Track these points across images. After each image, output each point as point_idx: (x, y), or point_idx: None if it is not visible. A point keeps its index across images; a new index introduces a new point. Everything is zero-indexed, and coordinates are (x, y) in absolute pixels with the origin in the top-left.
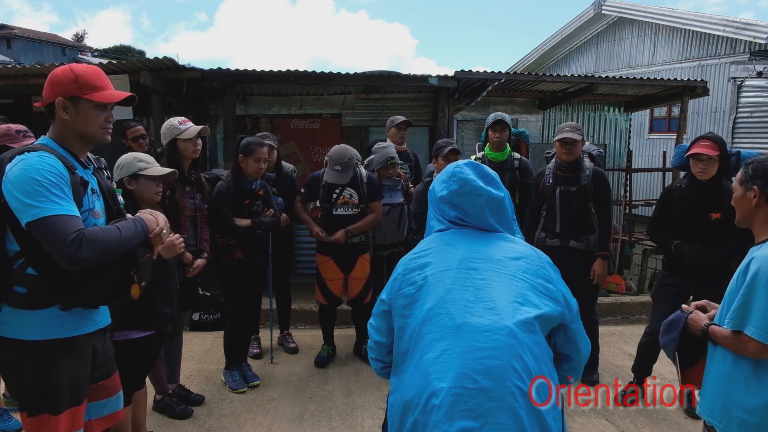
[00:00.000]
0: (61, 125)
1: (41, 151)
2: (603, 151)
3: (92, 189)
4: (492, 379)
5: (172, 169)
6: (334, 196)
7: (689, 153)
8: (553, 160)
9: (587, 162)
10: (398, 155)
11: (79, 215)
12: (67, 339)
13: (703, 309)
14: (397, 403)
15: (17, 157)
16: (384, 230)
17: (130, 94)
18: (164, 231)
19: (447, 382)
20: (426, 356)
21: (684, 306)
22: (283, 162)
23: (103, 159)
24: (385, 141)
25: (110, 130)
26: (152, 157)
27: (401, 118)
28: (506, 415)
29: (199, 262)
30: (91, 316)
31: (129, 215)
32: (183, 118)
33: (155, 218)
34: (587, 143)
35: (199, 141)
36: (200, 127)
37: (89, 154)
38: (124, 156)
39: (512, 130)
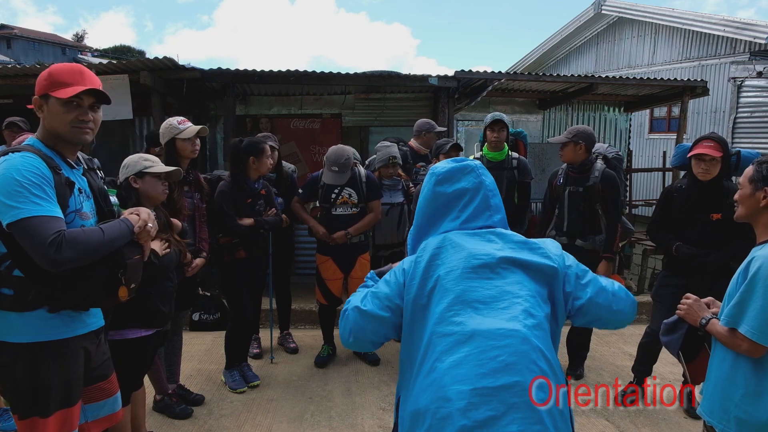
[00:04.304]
0: (41, 124)
1: (25, 152)
2: (620, 153)
3: (80, 189)
4: (508, 386)
5: (176, 167)
6: (333, 196)
7: (692, 153)
8: None
9: (599, 164)
10: (421, 158)
11: (61, 216)
12: (56, 341)
13: (707, 305)
14: (408, 413)
15: (1, 158)
16: (384, 230)
17: (92, 87)
18: (150, 225)
19: (465, 386)
20: (439, 365)
21: (680, 304)
22: (283, 162)
23: (96, 160)
24: (403, 142)
25: (85, 129)
26: (156, 158)
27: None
28: (525, 411)
29: (198, 261)
30: (81, 318)
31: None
32: (182, 117)
33: (138, 214)
34: (604, 146)
35: (198, 141)
36: (199, 127)
37: (81, 155)
38: (130, 156)
39: (510, 129)
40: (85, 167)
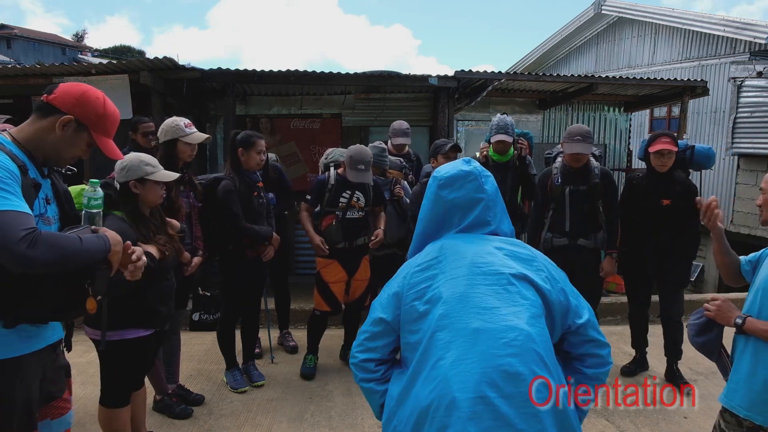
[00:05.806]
0: (45, 132)
1: None
2: (603, 151)
3: (46, 197)
4: (515, 385)
5: (178, 174)
6: (343, 200)
7: (653, 149)
8: (559, 159)
9: (593, 161)
10: (402, 157)
11: (32, 214)
12: (11, 360)
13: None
14: (410, 412)
15: None
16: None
17: (119, 156)
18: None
19: (469, 392)
20: (442, 362)
21: (706, 305)
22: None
23: None
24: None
25: (71, 162)
26: (156, 159)
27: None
28: (531, 421)
29: (196, 260)
30: (38, 332)
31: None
32: (188, 120)
33: (118, 238)
34: None
35: (197, 146)
36: (205, 135)
37: None
38: (129, 157)
39: (516, 131)
40: (50, 168)
